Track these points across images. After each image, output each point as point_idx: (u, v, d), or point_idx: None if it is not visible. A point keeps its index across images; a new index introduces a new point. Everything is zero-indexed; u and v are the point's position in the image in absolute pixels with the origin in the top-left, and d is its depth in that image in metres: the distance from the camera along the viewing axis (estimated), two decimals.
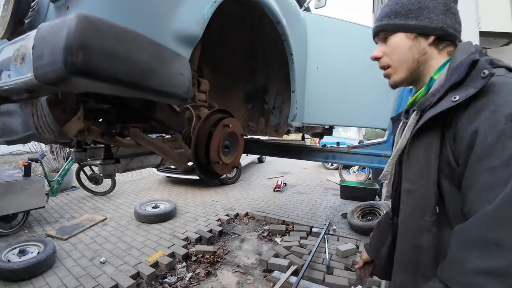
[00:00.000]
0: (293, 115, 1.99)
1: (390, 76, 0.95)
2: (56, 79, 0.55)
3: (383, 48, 0.94)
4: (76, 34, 0.51)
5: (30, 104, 0.84)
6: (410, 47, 0.88)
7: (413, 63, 0.89)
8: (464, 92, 0.71)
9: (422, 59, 0.88)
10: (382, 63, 0.96)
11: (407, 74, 0.91)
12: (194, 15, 0.89)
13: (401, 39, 0.89)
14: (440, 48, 0.88)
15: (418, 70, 0.90)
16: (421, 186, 0.80)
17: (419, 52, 0.88)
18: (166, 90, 0.74)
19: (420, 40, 0.87)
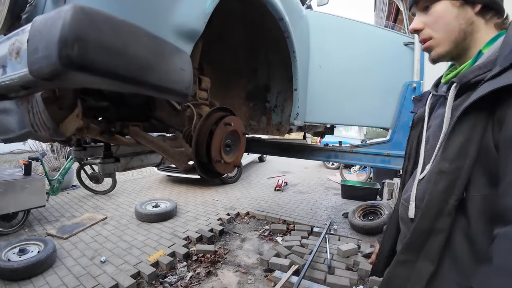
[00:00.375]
0: (296, 114, 1.96)
1: (432, 48, 0.87)
2: (51, 74, 0.52)
3: (424, 18, 0.87)
4: (71, 26, 0.49)
5: (26, 101, 0.82)
6: (457, 15, 0.81)
7: (459, 34, 0.82)
8: None
9: (469, 30, 0.81)
10: (423, 35, 0.88)
11: (451, 46, 0.84)
12: (195, 9, 0.87)
13: (447, 6, 0.82)
14: (487, 18, 0.81)
15: (464, 43, 0.83)
16: (457, 167, 0.73)
17: (466, 22, 0.81)
18: (165, 85, 0.71)
19: (466, 9, 0.80)
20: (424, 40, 0.88)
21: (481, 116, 0.70)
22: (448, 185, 0.75)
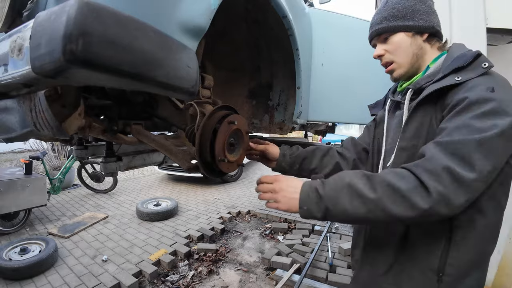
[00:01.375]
0: (298, 112, 1.94)
1: (393, 71, 1.10)
2: (54, 71, 0.51)
3: (385, 46, 1.09)
4: (76, 21, 0.47)
5: (28, 99, 0.80)
6: (411, 43, 1.04)
7: (413, 57, 1.05)
8: (466, 75, 0.88)
9: (419, 53, 1.05)
10: (385, 60, 1.10)
11: (408, 67, 1.07)
12: (200, 5, 0.85)
13: (402, 37, 1.04)
14: (432, 43, 1.06)
15: (417, 63, 1.06)
16: (414, 145, 0.97)
17: (417, 47, 1.04)
18: (172, 83, 0.70)
19: (416, 38, 1.04)
20: (386, 63, 1.10)
21: (429, 107, 0.94)
22: (407, 159, 0.96)
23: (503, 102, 0.80)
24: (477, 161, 0.76)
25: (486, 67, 0.87)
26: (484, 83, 0.84)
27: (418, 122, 0.97)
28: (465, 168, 0.76)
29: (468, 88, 0.85)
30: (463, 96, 0.84)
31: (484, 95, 0.81)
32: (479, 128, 0.78)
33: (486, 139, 0.76)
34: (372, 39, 1.14)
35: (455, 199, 0.76)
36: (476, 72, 0.87)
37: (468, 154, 0.77)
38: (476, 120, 0.79)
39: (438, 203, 0.76)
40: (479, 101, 0.81)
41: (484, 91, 0.82)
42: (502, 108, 0.79)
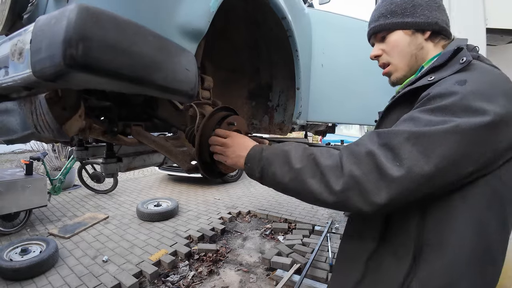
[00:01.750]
0: (298, 113, 1.95)
1: (391, 73, 1.01)
2: (54, 75, 0.51)
3: (382, 46, 1.00)
4: (76, 26, 0.48)
5: (29, 102, 0.81)
6: (409, 42, 0.93)
7: (411, 58, 0.94)
8: (441, 74, 0.79)
9: (419, 54, 0.94)
10: (382, 61, 1.01)
11: (406, 70, 0.97)
12: (199, 8, 0.86)
13: (400, 36, 0.94)
14: (436, 42, 0.94)
15: (416, 65, 0.95)
16: None
17: (416, 47, 0.94)
18: (171, 86, 0.70)
19: (417, 36, 0.93)
20: (383, 65, 1.02)
21: (406, 109, 0.81)
22: None
23: (470, 96, 0.68)
24: (407, 155, 0.66)
25: (463, 62, 0.76)
26: (457, 77, 0.74)
27: (391, 124, 0.83)
28: (392, 161, 0.67)
29: (438, 83, 0.76)
30: (428, 91, 0.75)
31: (448, 88, 0.71)
32: (425, 121, 0.69)
33: (426, 133, 0.66)
34: (370, 38, 1.06)
35: (373, 191, 0.67)
36: (452, 69, 0.78)
37: (398, 146, 0.68)
38: (426, 113, 0.71)
39: (350, 188, 0.69)
40: (440, 95, 0.71)
41: (451, 84, 0.72)
42: (465, 103, 0.67)
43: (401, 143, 0.68)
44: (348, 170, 0.70)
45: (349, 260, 0.93)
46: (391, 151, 0.68)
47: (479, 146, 0.66)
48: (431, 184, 0.67)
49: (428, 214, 0.75)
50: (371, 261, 0.85)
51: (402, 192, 0.66)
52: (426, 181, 0.66)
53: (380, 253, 0.84)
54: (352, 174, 0.69)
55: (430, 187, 0.67)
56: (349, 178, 0.69)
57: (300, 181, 0.76)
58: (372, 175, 0.68)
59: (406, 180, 0.65)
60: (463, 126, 0.65)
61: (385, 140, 0.70)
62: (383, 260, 0.83)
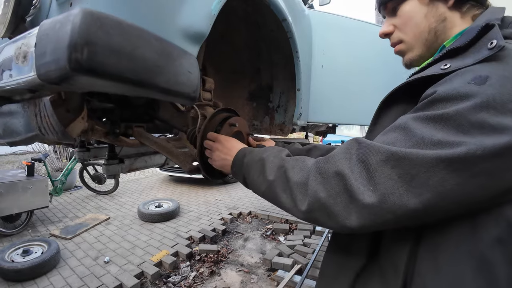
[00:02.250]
0: (299, 114, 1.96)
1: (404, 53, 0.81)
2: (59, 78, 0.52)
3: (393, 20, 0.80)
4: (81, 30, 0.49)
5: (33, 104, 0.82)
6: (426, 14, 0.73)
7: (429, 34, 0.74)
8: (461, 62, 0.59)
9: (440, 28, 0.73)
10: (393, 39, 0.82)
11: (423, 49, 0.76)
12: (201, 12, 0.87)
13: (414, 6, 0.74)
14: (464, 10, 0.72)
15: (437, 43, 0.74)
16: None
17: (436, 20, 0.72)
18: (173, 88, 0.71)
19: (437, 5, 0.72)
20: (395, 44, 0.82)
21: (409, 105, 0.66)
22: None
23: (489, 103, 0.49)
24: (383, 179, 0.53)
25: (492, 48, 0.55)
26: (477, 70, 0.54)
27: (388, 123, 0.68)
28: (365, 183, 0.55)
29: (450, 77, 0.57)
30: (434, 89, 0.58)
31: (459, 88, 0.53)
32: (418, 138, 0.54)
33: (412, 157, 0.51)
34: (380, 10, 0.85)
35: (342, 215, 0.57)
36: (476, 56, 0.57)
37: (375, 166, 0.55)
38: (423, 123, 0.54)
39: (316, 209, 0.61)
40: (446, 97, 0.54)
41: (465, 82, 0.53)
42: (480, 115, 0.49)
43: (379, 163, 0.55)
44: (313, 190, 0.61)
45: (334, 277, 0.77)
46: (366, 171, 0.56)
47: (491, 177, 0.49)
48: (415, 219, 0.54)
49: (424, 238, 0.59)
50: (358, 281, 0.70)
51: (376, 221, 0.55)
52: (407, 214, 0.53)
53: (368, 271, 0.69)
54: (316, 196, 0.61)
55: (414, 220, 0.54)
56: (314, 199, 0.61)
57: (274, 193, 0.73)
58: (340, 198, 0.58)
59: (379, 209, 0.53)
60: (472, 152, 0.47)
61: (363, 157, 0.57)
62: (370, 280, 0.69)
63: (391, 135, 0.58)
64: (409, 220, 0.54)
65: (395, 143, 0.56)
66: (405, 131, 0.56)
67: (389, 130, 0.61)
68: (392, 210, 0.52)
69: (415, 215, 0.52)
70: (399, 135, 0.57)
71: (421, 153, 0.51)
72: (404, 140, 0.55)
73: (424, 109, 0.57)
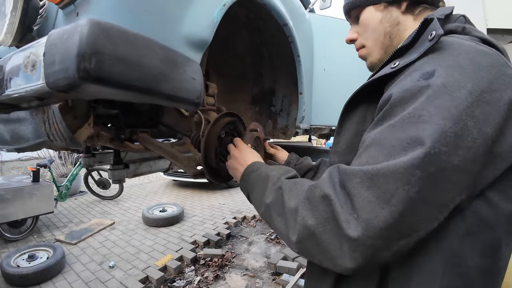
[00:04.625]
0: (301, 117, 1.97)
1: (365, 57, 0.86)
2: (68, 86, 0.54)
3: (356, 28, 0.85)
4: (88, 40, 0.51)
5: (42, 111, 0.84)
6: (381, 19, 0.77)
7: (385, 37, 0.78)
8: (407, 58, 0.61)
9: (394, 31, 0.76)
10: (357, 45, 0.86)
11: (381, 53, 0.80)
12: (204, 19, 0.89)
13: (371, 13, 0.78)
14: (416, 13, 0.76)
15: (392, 45, 0.78)
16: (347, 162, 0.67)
17: (390, 24, 0.76)
18: (178, 95, 0.73)
19: (391, 10, 0.76)
20: (358, 49, 0.87)
21: (370, 110, 0.68)
22: None
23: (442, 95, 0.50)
24: (361, 204, 0.50)
25: (432, 38, 0.57)
26: (424, 65, 0.56)
27: (351, 131, 0.71)
28: (349, 211, 0.51)
29: (401, 79, 0.59)
30: (389, 93, 0.58)
31: (410, 87, 0.54)
32: (388, 148, 0.52)
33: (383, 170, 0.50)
34: (347, 19, 0.90)
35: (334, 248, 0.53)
36: (419, 50, 0.59)
37: (353, 191, 0.52)
38: (388, 132, 0.54)
39: (306, 239, 0.57)
40: (400, 99, 0.54)
41: (415, 81, 0.54)
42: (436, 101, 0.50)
43: (355, 187, 0.52)
44: (302, 217, 0.58)
45: (317, 281, 0.76)
46: (348, 197, 0.53)
47: (462, 172, 0.49)
48: (403, 236, 0.50)
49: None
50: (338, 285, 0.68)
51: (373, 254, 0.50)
52: (394, 234, 0.49)
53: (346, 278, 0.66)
54: (305, 223, 0.57)
55: (405, 238, 0.50)
56: (302, 226, 0.57)
57: (269, 217, 0.69)
58: (329, 225, 0.53)
59: (368, 238, 0.49)
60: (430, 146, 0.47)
61: (344, 182, 0.55)
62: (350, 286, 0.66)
63: (364, 156, 0.56)
64: (400, 240, 0.50)
65: (369, 161, 0.54)
66: (375, 146, 0.55)
67: (362, 152, 0.58)
68: (379, 235, 0.48)
69: (400, 232, 0.49)
70: (371, 152, 0.55)
71: (392, 164, 0.49)
72: (376, 155, 0.53)
73: (385, 118, 0.57)
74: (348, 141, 0.72)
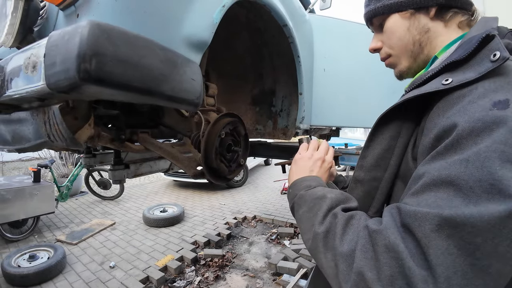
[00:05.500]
0: (301, 117, 1.97)
1: (394, 66, 0.81)
2: (69, 87, 0.54)
3: (380, 36, 0.80)
4: (89, 42, 0.51)
5: (42, 112, 0.84)
6: (408, 27, 0.72)
7: (414, 45, 0.73)
8: (462, 76, 0.55)
9: (424, 39, 0.71)
10: (382, 55, 0.82)
11: (410, 61, 0.75)
12: (203, 20, 0.89)
13: (396, 20, 0.73)
14: (447, 19, 0.70)
15: (423, 54, 0.73)
16: (374, 178, 0.66)
17: (419, 32, 0.71)
18: (178, 95, 0.73)
19: (418, 17, 0.71)
20: (384, 58, 0.82)
21: (406, 126, 0.63)
22: (364, 195, 0.70)
23: None
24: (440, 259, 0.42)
25: (496, 60, 0.51)
26: (490, 91, 0.49)
27: (382, 146, 0.66)
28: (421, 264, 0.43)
29: (463, 104, 0.51)
30: (451, 121, 0.50)
31: (485, 117, 0.46)
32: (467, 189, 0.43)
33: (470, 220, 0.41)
34: (368, 26, 0.85)
35: None
36: (477, 69, 0.53)
37: (425, 240, 0.43)
38: (461, 167, 0.45)
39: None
40: (474, 130, 0.46)
41: (487, 109, 0.47)
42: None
43: (429, 236, 0.43)
44: (359, 266, 0.48)
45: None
46: (417, 246, 0.44)
47: None
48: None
49: None
50: None
51: None
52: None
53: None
54: (362, 275, 0.47)
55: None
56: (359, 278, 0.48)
57: (316, 249, 0.59)
58: (398, 283, 0.44)
59: None
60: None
61: (409, 227, 0.46)
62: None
63: (430, 196, 0.47)
64: None
65: (439, 203, 0.44)
66: (446, 186, 0.45)
67: (423, 189, 0.48)
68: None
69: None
70: (441, 193, 0.46)
71: (476, 212, 0.41)
72: (450, 197, 0.44)
73: (451, 151, 0.48)
74: (377, 156, 0.67)
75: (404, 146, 0.64)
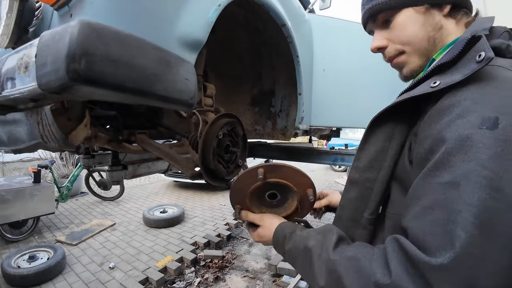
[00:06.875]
0: (301, 118, 1.96)
1: (403, 65, 0.75)
2: (59, 88, 0.54)
3: (386, 33, 0.75)
4: (78, 41, 0.50)
5: (36, 113, 0.84)
6: (423, 23, 0.69)
7: (429, 43, 0.70)
8: (449, 78, 0.55)
9: (438, 36, 0.69)
10: (389, 54, 0.76)
11: (423, 59, 0.72)
12: (198, 20, 0.88)
13: (410, 15, 0.70)
14: (458, 18, 0.70)
15: (436, 51, 0.71)
16: (368, 179, 0.67)
17: (434, 28, 0.69)
18: (171, 96, 0.73)
19: (433, 13, 0.69)
20: (392, 57, 0.77)
21: (399, 128, 0.64)
22: (358, 196, 0.70)
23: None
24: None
25: (481, 61, 0.51)
26: (479, 104, 0.50)
27: (376, 147, 0.67)
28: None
29: (452, 117, 0.51)
30: (441, 136, 0.51)
31: (473, 135, 0.48)
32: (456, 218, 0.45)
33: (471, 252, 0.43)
34: (366, 24, 0.80)
35: None
36: (463, 71, 0.54)
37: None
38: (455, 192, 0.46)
39: None
40: (463, 148, 0.48)
41: (476, 126, 0.48)
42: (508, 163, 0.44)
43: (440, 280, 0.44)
44: None
45: None
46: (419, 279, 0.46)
47: None
48: None
49: None
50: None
51: None
52: None
53: None
54: None
55: None
56: None
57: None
58: None
59: None
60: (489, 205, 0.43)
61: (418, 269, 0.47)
62: None
63: (426, 220, 0.49)
64: None
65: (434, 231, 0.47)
66: (439, 210, 0.48)
67: (423, 209, 0.50)
68: None
69: None
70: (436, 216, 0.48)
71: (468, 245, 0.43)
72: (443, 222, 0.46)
73: (440, 169, 0.50)
74: (370, 157, 0.68)
75: (398, 148, 0.64)
